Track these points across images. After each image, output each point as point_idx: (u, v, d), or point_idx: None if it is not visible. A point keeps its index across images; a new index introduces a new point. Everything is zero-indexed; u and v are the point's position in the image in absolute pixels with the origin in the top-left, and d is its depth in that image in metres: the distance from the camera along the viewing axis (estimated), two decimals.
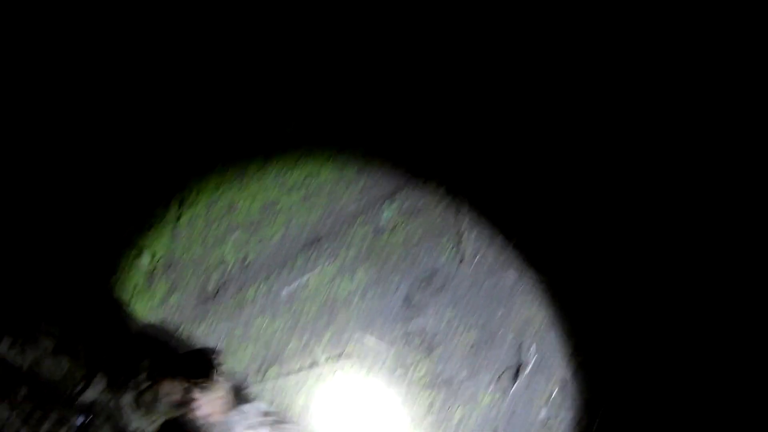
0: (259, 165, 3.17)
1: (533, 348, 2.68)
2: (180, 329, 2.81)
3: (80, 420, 1.57)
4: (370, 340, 2.71)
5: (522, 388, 2.66)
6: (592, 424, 2.59)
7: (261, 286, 2.86)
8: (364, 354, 2.69)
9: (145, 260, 2.97)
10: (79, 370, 1.64)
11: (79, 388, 1.59)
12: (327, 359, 2.68)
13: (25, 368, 1.51)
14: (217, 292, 2.89)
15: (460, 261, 2.89)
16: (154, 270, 2.97)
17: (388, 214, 3.03)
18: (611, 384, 2.67)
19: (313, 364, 2.68)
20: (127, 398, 1.70)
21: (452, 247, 2.93)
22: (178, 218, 3.06)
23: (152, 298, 2.89)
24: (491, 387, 2.66)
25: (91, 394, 1.63)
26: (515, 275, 2.88)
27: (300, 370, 2.69)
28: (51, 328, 1.72)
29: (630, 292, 2.83)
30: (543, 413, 2.62)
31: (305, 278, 2.86)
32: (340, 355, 2.70)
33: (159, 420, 1.71)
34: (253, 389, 2.67)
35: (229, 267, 2.94)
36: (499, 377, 2.68)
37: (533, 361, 2.65)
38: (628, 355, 2.71)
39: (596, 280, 2.87)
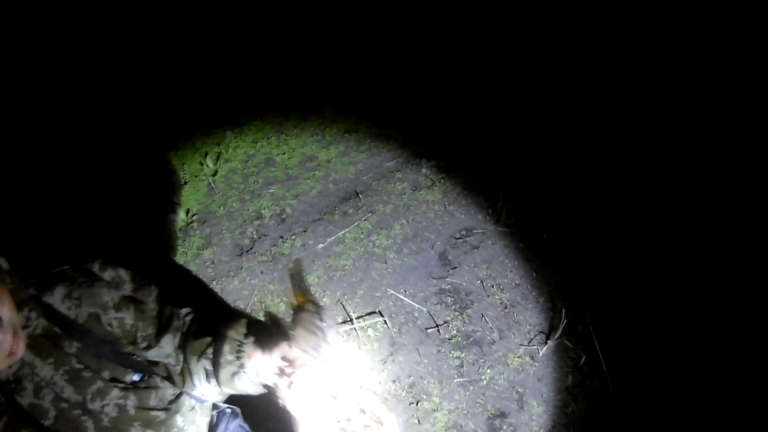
0: (297, 120, 3.16)
1: (564, 312, 2.60)
2: (213, 283, 2.82)
3: (135, 378, 1.44)
4: (404, 297, 2.68)
5: (551, 353, 2.59)
6: (619, 393, 2.52)
7: (297, 241, 2.86)
8: (396, 311, 2.66)
9: (180, 215, 3.00)
10: (144, 327, 1.47)
11: (142, 345, 1.45)
12: (359, 316, 2.66)
13: (81, 321, 1.38)
14: (253, 246, 2.90)
15: (497, 220, 2.83)
16: (189, 224, 3.00)
17: (426, 170, 2.98)
18: (641, 353, 2.58)
19: (346, 321, 2.66)
20: (200, 365, 1.50)
21: (489, 207, 2.87)
22: (215, 173, 3.08)
23: (186, 252, 2.93)
24: (521, 350, 2.60)
25: (154, 353, 1.48)
26: (551, 237, 2.81)
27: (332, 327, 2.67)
28: (113, 281, 1.53)
29: (663, 256, 2.73)
30: (570, 380, 2.56)
31: (342, 233, 2.85)
32: (372, 312, 2.67)
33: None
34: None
35: (266, 221, 2.94)
36: (530, 340, 2.62)
37: (564, 325, 2.57)
38: (661, 325, 2.62)
39: (632, 246, 2.78)
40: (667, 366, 2.54)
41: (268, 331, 1.98)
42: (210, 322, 1.75)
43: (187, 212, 3.01)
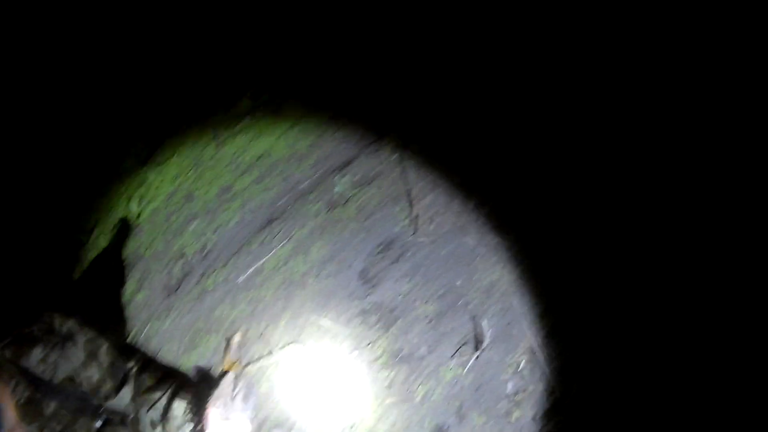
0: (212, 151, 3.11)
1: (496, 317, 2.52)
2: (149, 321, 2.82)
3: (98, 425, 1.62)
4: (326, 322, 2.63)
5: (486, 360, 2.52)
6: (566, 395, 2.43)
7: (219, 275, 2.83)
8: (320, 336, 2.62)
9: (109, 262, 3.01)
10: (104, 381, 1.70)
11: (104, 396, 1.67)
12: (284, 345, 2.63)
13: (56, 383, 1.55)
14: (179, 285, 2.88)
15: (415, 229, 2.75)
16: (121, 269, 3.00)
17: (339, 187, 2.91)
18: (584, 351, 2.48)
19: (271, 351, 2.63)
20: (150, 416, 1.81)
21: (406, 216, 2.79)
22: (139, 215, 3.07)
23: (123, 297, 2.93)
24: (453, 361, 2.53)
25: (114, 404, 1.71)
26: (474, 240, 2.72)
27: (259, 357, 2.65)
28: (79, 337, 1.73)
29: (598, 250, 2.61)
30: (510, 386, 2.48)
31: (260, 262, 2.81)
32: (297, 340, 2.64)
33: None
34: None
35: (189, 258, 2.92)
36: (460, 350, 2.55)
37: (497, 330, 2.50)
38: (600, 319, 2.51)
39: (561, 240, 2.67)
40: (616, 363, 2.44)
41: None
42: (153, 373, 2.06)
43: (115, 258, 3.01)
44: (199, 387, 2.23)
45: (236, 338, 2.62)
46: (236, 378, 2.13)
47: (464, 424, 2.44)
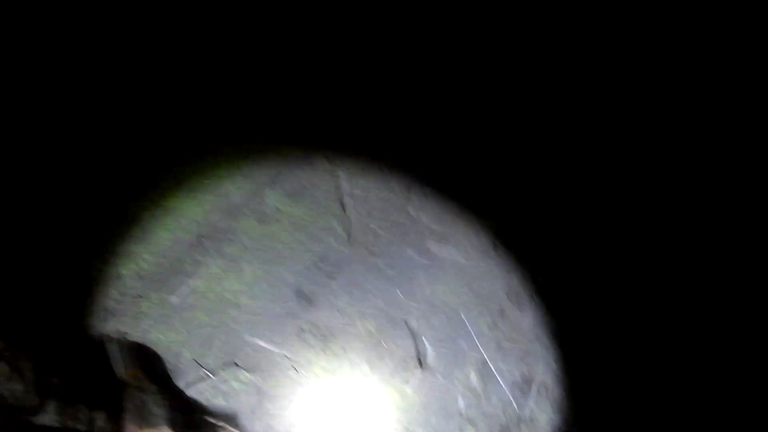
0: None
1: (442, 329, 2.43)
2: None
3: None
4: (261, 343, 2.55)
5: (432, 376, 2.44)
6: (523, 408, 2.34)
7: (154, 298, 2.74)
8: (256, 359, 2.54)
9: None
10: (30, 396, 1.72)
11: (31, 412, 1.68)
12: (219, 368, 2.56)
13: None
14: (117, 308, 2.80)
15: (352, 241, 2.63)
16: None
17: (271, 200, 2.79)
18: (537, 360, 2.39)
19: (207, 376, 2.56)
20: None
21: (341, 227, 2.67)
22: None
23: (67, 324, 2.85)
24: (397, 379, 2.45)
25: (42, 419, 1.73)
26: (414, 250, 2.60)
27: (195, 382, 2.58)
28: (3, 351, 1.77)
29: (548, 253, 2.49)
30: (461, 402, 2.40)
31: (194, 283, 2.71)
32: (232, 362, 2.56)
33: None
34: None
35: (126, 280, 2.83)
36: (404, 367, 2.46)
37: (443, 343, 2.41)
38: (555, 322, 2.41)
39: (505, 246, 2.54)
40: (574, 369, 2.35)
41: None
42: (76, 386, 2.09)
43: None
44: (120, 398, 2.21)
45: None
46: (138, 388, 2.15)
47: None
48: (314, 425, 2.44)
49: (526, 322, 2.48)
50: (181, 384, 2.60)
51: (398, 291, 2.56)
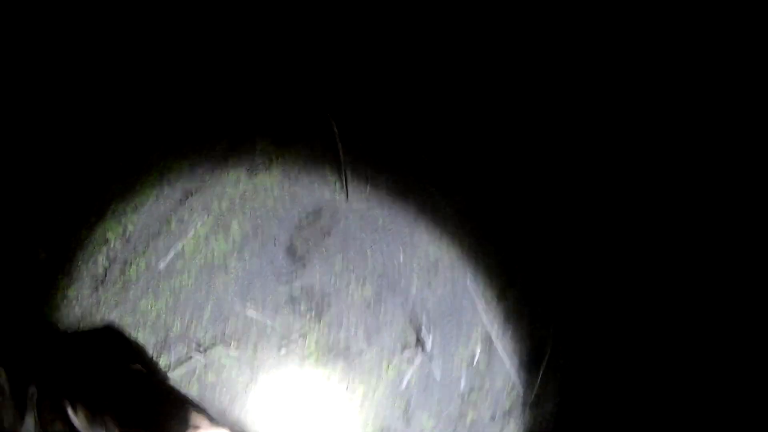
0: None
1: (445, 300, 2.06)
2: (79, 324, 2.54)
3: None
4: (251, 312, 2.24)
5: (433, 353, 2.08)
6: (529, 391, 1.98)
7: (141, 262, 2.48)
8: (246, 329, 2.24)
9: (39, 252, 2.71)
10: (8, 412, 1.70)
11: (7, 426, 1.66)
12: (210, 342, 2.28)
13: None
14: (105, 275, 2.56)
15: (347, 194, 2.25)
16: (48, 260, 2.70)
17: (261, 147, 2.43)
18: (548, 339, 2.00)
19: (198, 348, 2.29)
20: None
21: (337, 178, 2.29)
22: None
23: (54, 295, 2.65)
24: (395, 355, 2.09)
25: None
26: (417, 206, 2.19)
27: (187, 355, 2.32)
28: None
29: (563, 219, 2.11)
30: (464, 383, 2.05)
31: (180, 245, 2.42)
32: (222, 334, 2.27)
33: None
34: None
35: (112, 244, 2.57)
36: (404, 343, 2.11)
37: (446, 316, 2.04)
38: (566, 300, 2.03)
39: (521, 205, 2.15)
40: (584, 351, 1.99)
41: None
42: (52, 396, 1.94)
43: (44, 247, 2.71)
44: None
45: None
46: None
47: (412, 428, 2.04)
48: (308, 402, 2.14)
49: (538, 293, 2.06)
50: (171, 359, 2.35)
51: (398, 253, 2.18)
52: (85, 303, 2.55)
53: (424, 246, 2.19)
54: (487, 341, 2.05)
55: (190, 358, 2.31)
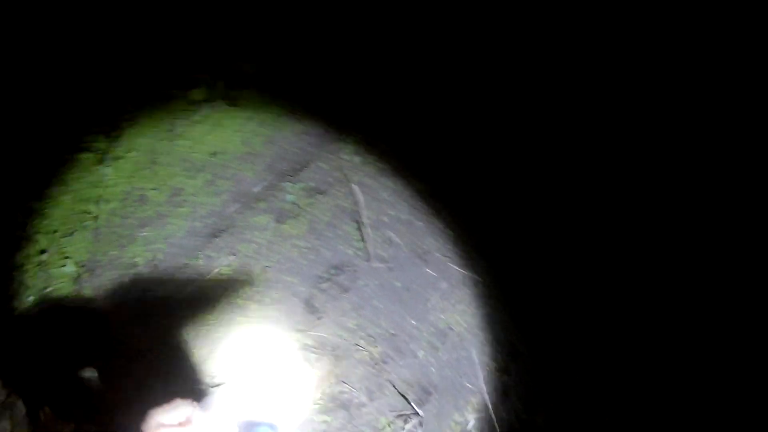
0: (167, 146, 2.82)
1: (449, 366, 2.15)
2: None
3: None
4: (266, 354, 2.35)
5: (431, 416, 2.17)
6: None
7: (166, 290, 2.60)
8: (259, 371, 2.36)
9: (70, 268, 2.83)
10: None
11: None
12: (221, 378, 2.39)
13: None
14: (130, 296, 2.68)
15: (369, 254, 2.36)
16: (79, 276, 2.83)
17: (292, 196, 2.54)
18: (540, 408, 2.09)
19: (210, 384, 2.40)
20: None
21: (361, 237, 2.40)
22: (96, 218, 2.85)
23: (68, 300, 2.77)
24: (393, 414, 2.19)
25: None
26: (436, 271, 2.30)
27: (199, 390, 2.44)
28: None
29: (573, 295, 2.15)
30: None
31: (205, 279, 2.54)
32: (235, 373, 2.39)
33: None
34: None
35: (140, 268, 2.70)
36: (404, 403, 2.20)
37: (447, 382, 2.13)
38: (565, 376, 2.09)
39: (535, 280, 2.22)
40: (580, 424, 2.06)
41: None
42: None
43: (77, 263, 2.83)
44: None
45: None
46: None
47: None
48: None
49: (538, 370, 2.15)
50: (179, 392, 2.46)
51: (411, 316, 2.28)
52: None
53: (437, 313, 2.28)
54: (484, 410, 2.14)
55: (199, 391, 2.42)
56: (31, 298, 2.71)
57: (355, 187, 2.43)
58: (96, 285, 2.74)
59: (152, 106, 2.91)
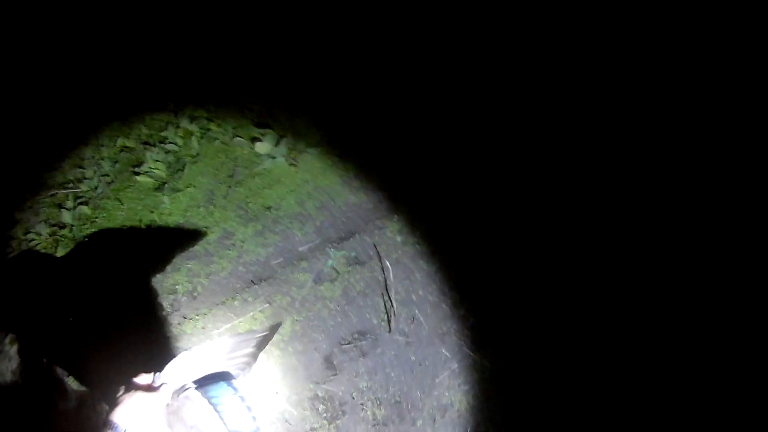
0: (227, 189, 3.12)
1: None
2: None
3: None
4: (277, 397, 2.60)
5: None
6: None
7: (199, 322, 2.85)
8: (268, 410, 2.59)
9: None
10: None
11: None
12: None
13: None
14: (165, 318, 2.94)
15: (391, 327, 2.64)
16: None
17: (333, 261, 2.84)
18: None
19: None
20: None
21: (386, 311, 2.68)
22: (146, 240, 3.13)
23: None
24: None
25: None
26: (450, 352, 2.57)
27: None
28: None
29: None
30: None
31: (237, 321, 2.80)
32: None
33: None
34: None
35: (179, 296, 2.96)
36: None
37: None
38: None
39: (532, 370, 2.49)
40: None
41: None
42: None
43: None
44: None
45: None
46: None
47: None
48: None
49: None
50: None
51: (418, 389, 2.54)
52: (142, 334, 2.92)
53: (442, 389, 2.53)
54: None
55: None
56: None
57: (388, 265, 2.72)
58: (136, 302, 3.01)
59: (217, 148, 3.23)
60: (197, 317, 2.85)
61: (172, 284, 2.97)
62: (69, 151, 3.45)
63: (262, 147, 3.16)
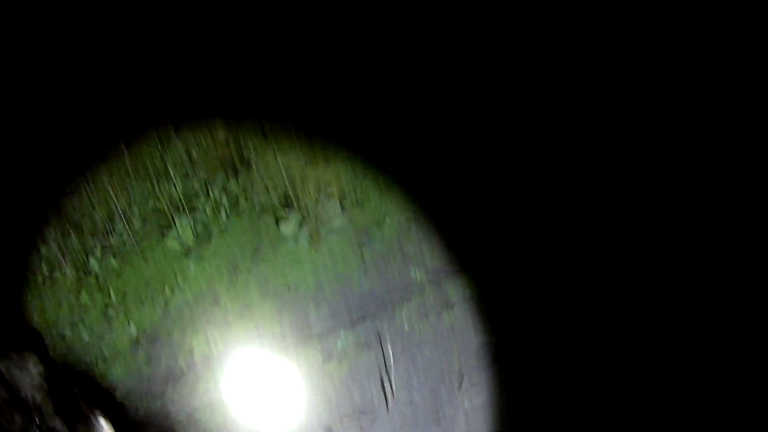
0: (249, 264, 3.41)
1: None
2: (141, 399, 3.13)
3: None
4: None
5: None
6: None
7: (210, 385, 3.10)
8: None
9: (132, 329, 3.33)
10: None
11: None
12: None
13: None
14: (181, 377, 3.17)
15: (389, 408, 2.93)
16: (137, 340, 3.32)
17: (342, 344, 3.13)
18: None
19: None
20: None
21: (386, 391, 2.97)
22: (166, 303, 3.38)
23: (131, 363, 3.25)
24: None
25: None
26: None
27: None
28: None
29: None
30: None
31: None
32: None
33: None
34: None
35: (195, 358, 3.21)
36: None
37: None
38: None
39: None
40: None
41: None
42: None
43: (139, 329, 3.34)
44: None
45: None
46: None
47: None
48: None
49: None
50: None
51: None
52: (153, 386, 3.17)
53: None
54: None
55: None
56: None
57: (390, 352, 3.03)
58: (150, 353, 3.25)
59: (242, 219, 3.53)
60: (210, 381, 3.10)
61: (190, 345, 3.23)
62: (99, 198, 3.66)
63: (287, 227, 3.46)
